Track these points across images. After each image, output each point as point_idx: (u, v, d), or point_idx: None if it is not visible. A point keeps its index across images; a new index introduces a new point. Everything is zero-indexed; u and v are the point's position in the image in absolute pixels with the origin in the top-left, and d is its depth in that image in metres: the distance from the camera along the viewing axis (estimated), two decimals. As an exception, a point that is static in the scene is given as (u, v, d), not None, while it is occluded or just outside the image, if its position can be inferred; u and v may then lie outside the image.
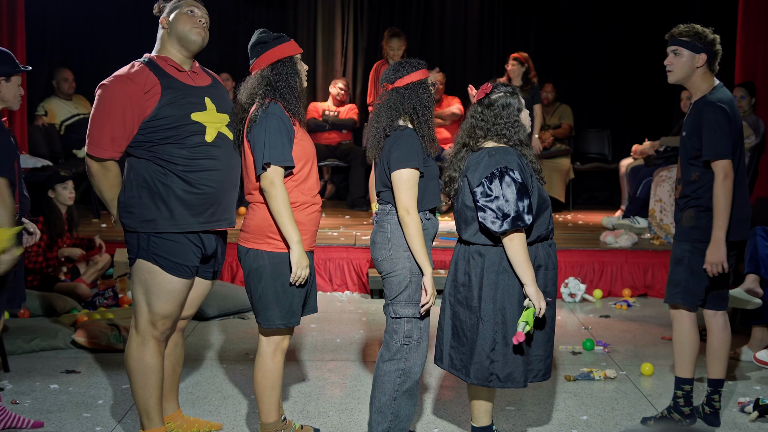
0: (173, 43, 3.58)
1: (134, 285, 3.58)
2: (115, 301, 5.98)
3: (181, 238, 3.52)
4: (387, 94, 3.57)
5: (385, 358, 3.61)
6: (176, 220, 3.50)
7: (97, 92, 3.50)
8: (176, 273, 3.52)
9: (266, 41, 3.57)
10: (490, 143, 3.50)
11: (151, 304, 3.53)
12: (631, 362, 5.13)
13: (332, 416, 4.21)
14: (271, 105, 3.48)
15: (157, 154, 3.48)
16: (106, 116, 3.45)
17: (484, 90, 3.52)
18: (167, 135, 3.46)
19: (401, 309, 3.57)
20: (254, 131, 3.46)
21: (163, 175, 3.48)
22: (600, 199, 10.00)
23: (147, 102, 3.44)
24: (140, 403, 3.60)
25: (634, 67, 9.74)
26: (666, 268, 6.84)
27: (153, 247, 3.50)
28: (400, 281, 3.54)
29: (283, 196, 3.43)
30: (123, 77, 3.48)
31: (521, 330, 3.34)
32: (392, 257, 3.53)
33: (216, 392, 4.51)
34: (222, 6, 9.53)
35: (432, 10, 9.91)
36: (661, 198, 7.22)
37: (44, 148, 7.64)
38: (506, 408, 4.30)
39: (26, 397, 4.38)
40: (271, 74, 3.54)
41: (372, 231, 3.65)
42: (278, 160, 3.42)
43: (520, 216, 3.33)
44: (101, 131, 3.46)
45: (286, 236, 3.45)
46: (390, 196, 3.53)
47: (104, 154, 3.48)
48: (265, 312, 3.57)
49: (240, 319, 5.97)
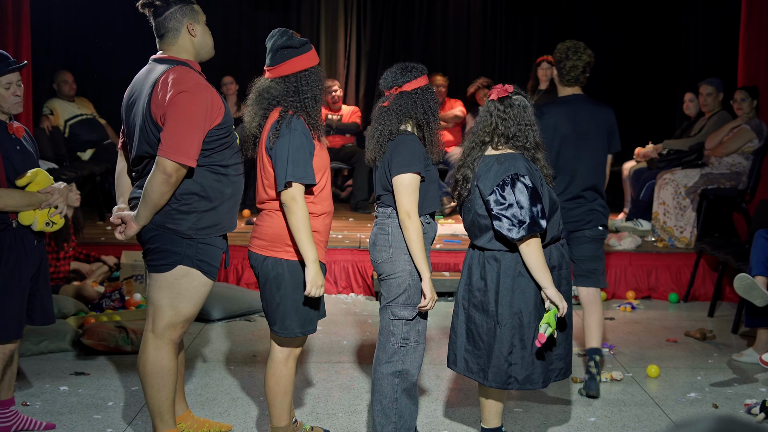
0: (195, 51, 3.53)
1: (160, 289, 3.52)
2: (122, 304, 5.99)
3: (218, 241, 3.56)
4: (393, 98, 3.57)
5: (382, 360, 3.62)
6: (223, 225, 3.55)
7: (180, 98, 3.34)
8: (212, 276, 3.57)
9: (295, 46, 3.54)
10: (501, 149, 3.53)
11: (177, 308, 3.53)
12: (636, 364, 5.15)
13: (341, 417, 4.23)
14: (294, 120, 3.47)
15: (214, 160, 3.46)
16: (194, 123, 3.34)
17: (505, 89, 3.54)
18: (224, 141, 3.48)
19: (399, 311, 3.58)
20: (277, 146, 3.43)
21: (218, 182, 3.48)
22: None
23: (219, 111, 3.42)
24: (154, 406, 3.60)
25: (637, 71, 9.76)
26: (669, 270, 6.90)
27: (198, 254, 3.50)
28: (400, 283, 3.56)
29: (303, 214, 3.43)
30: (204, 85, 3.41)
31: (543, 332, 3.36)
32: (393, 260, 3.55)
33: (225, 394, 4.53)
34: (224, 9, 9.56)
35: (434, 12, 9.93)
36: (664, 201, 7.24)
37: (49, 152, 7.65)
38: (514, 410, 4.32)
39: (36, 399, 4.40)
40: (300, 83, 3.53)
41: (371, 233, 3.67)
42: (301, 178, 3.42)
43: (536, 221, 3.36)
44: (191, 138, 3.34)
45: (303, 253, 3.45)
46: (390, 200, 3.56)
47: (192, 161, 3.36)
48: (283, 321, 3.58)
49: (246, 321, 5.99)
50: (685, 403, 4.52)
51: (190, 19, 3.51)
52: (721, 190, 7.07)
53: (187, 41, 3.52)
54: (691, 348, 5.54)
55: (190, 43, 3.52)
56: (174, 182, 3.36)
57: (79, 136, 8.23)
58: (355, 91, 9.67)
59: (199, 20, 3.54)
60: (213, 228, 3.51)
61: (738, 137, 7.07)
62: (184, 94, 3.33)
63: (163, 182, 3.35)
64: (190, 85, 3.36)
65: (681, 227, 7.16)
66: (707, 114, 7.64)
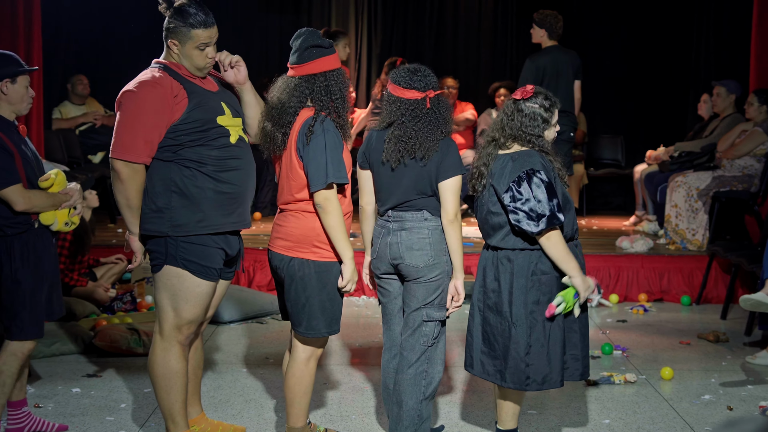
0: (183, 62, 3.54)
1: (159, 290, 3.55)
2: (133, 306, 6.00)
3: (209, 240, 3.52)
4: (430, 101, 3.55)
5: (411, 361, 3.63)
6: (209, 222, 3.50)
7: (124, 98, 3.45)
8: (205, 276, 3.53)
9: (324, 46, 3.53)
10: (515, 146, 3.54)
11: (177, 309, 3.53)
12: (650, 366, 5.12)
13: (355, 420, 4.22)
14: (327, 120, 3.47)
15: (184, 156, 3.46)
16: (138, 120, 3.41)
17: (524, 92, 3.54)
18: (196, 137, 3.46)
19: (435, 312, 3.61)
20: (312, 146, 3.42)
21: (193, 177, 3.47)
22: (614, 204, 10.00)
23: (176, 106, 3.44)
24: (165, 408, 3.61)
25: (648, 72, 9.75)
26: (681, 273, 6.86)
27: (182, 252, 3.48)
28: (438, 285, 3.59)
29: (339, 212, 3.46)
30: (150, 82, 3.45)
31: (555, 304, 3.40)
32: (435, 263, 3.56)
33: (238, 396, 4.52)
34: (235, 12, 9.58)
35: (445, 15, 9.93)
36: (676, 203, 7.21)
37: (61, 154, 7.67)
38: (528, 412, 4.31)
39: (49, 401, 4.40)
40: (330, 83, 3.53)
41: (399, 237, 3.60)
42: (339, 178, 3.44)
43: (554, 214, 3.38)
44: (134, 135, 3.41)
45: (340, 252, 3.49)
46: (426, 203, 3.56)
47: (139, 158, 3.42)
48: (309, 321, 3.57)
49: (258, 324, 5.98)
50: (699, 405, 4.49)
51: (174, 37, 3.51)
52: (733, 193, 7.03)
53: (172, 53, 3.55)
54: (704, 350, 5.51)
55: (175, 55, 3.54)
56: (125, 179, 3.44)
57: (88, 140, 8.26)
58: (365, 94, 9.67)
59: (186, 43, 3.49)
60: (195, 225, 3.47)
61: (750, 140, 7.04)
62: (127, 93, 3.45)
63: (116, 180, 3.46)
64: (135, 85, 3.45)
65: (693, 230, 7.14)
66: (721, 115, 7.62)
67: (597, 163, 9.72)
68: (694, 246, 7.10)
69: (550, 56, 6.77)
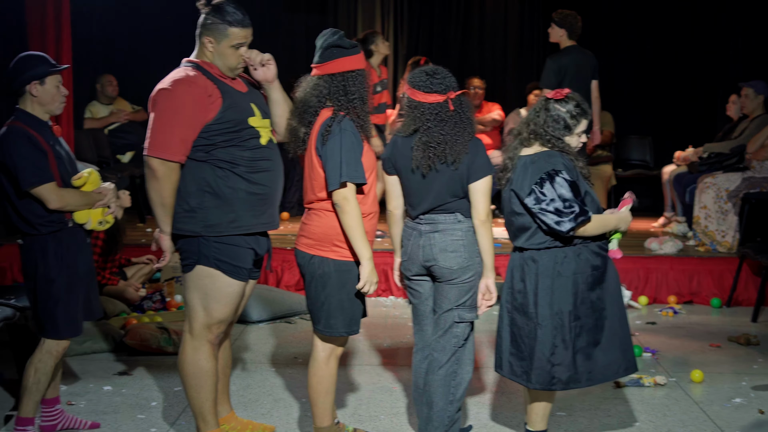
0: (216, 61, 3.56)
1: (189, 290, 3.57)
2: (163, 305, 6.04)
3: (240, 241, 3.54)
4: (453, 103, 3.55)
5: (441, 362, 3.63)
6: (241, 223, 3.52)
7: (159, 96, 3.46)
8: (236, 276, 3.55)
9: (344, 46, 3.55)
10: (535, 146, 3.55)
11: (208, 309, 3.55)
12: (680, 369, 5.09)
13: (383, 420, 4.23)
14: (345, 120, 3.50)
15: (217, 156, 3.48)
16: (174, 118, 3.42)
17: (558, 93, 3.55)
18: (229, 138, 3.48)
19: (467, 313, 3.63)
20: (329, 145, 3.45)
21: (226, 178, 3.49)
22: (642, 205, 9.88)
23: (211, 105, 3.46)
24: (196, 407, 3.64)
25: (676, 72, 9.67)
26: (711, 274, 6.80)
27: (215, 252, 3.50)
28: (471, 287, 3.61)
29: (357, 212, 3.47)
30: (185, 80, 3.46)
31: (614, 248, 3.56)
32: (468, 265, 3.58)
33: (267, 395, 4.54)
34: (262, 12, 9.58)
35: (471, 15, 9.90)
36: (705, 205, 7.16)
37: (91, 153, 7.73)
38: (557, 413, 4.29)
39: (81, 398, 4.45)
40: (347, 84, 3.54)
41: (431, 240, 3.60)
42: (354, 178, 3.45)
43: (583, 210, 3.40)
44: (170, 133, 3.42)
45: (358, 252, 3.50)
46: (458, 205, 3.56)
47: (175, 156, 3.44)
48: (327, 320, 3.60)
49: (287, 324, 6.00)
50: (730, 408, 4.45)
51: (210, 35, 3.52)
52: (763, 194, 6.96)
53: (206, 51, 3.56)
54: (734, 353, 5.46)
55: (209, 53, 3.56)
56: (161, 177, 3.43)
57: (117, 139, 8.32)
58: (392, 95, 9.65)
59: (222, 41, 3.51)
60: (227, 225, 3.50)
61: (780, 141, 6.98)
62: (162, 91, 3.45)
63: (151, 179, 3.44)
64: (169, 83, 3.45)
65: (723, 231, 7.08)
66: (750, 116, 7.55)
67: (625, 164, 9.65)
68: (724, 248, 7.04)
69: (571, 56, 6.77)
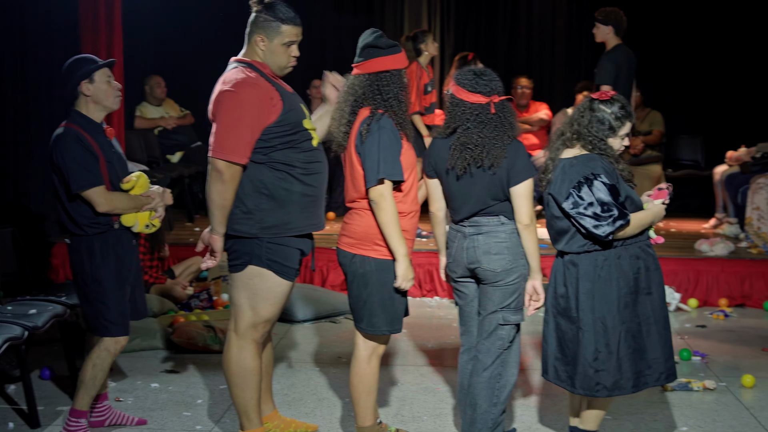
0: (267, 59, 3.57)
1: (237, 289, 3.60)
2: (209, 304, 6.11)
3: (290, 241, 3.57)
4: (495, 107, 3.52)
5: (486, 364, 3.62)
6: (294, 224, 3.55)
7: (223, 98, 3.44)
8: (286, 276, 3.58)
9: (381, 46, 3.57)
10: (577, 147, 3.51)
11: (256, 308, 3.58)
12: (731, 374, 4.99)
13: (426, 421, 4.21)
14: (383, 118, 3.51)
15: (275, 158, 3.49)
16: (241, 121, 3.41)
17: (603, 94, 3.51)
18: (287, 140, 3.50)
19: (512, 315, 3.62)
20: (367, 143, 3.47)
21: (282, 180, 3.50)
22: (693, 206, 9.73)
23: (273, 108, 3.46)
24: (240, 405, 3.67)
25: (728, 71, 9.49)
26: (764, 277, 6.66)
27: (268, 253, 3.52)
28: (515, 289, 3.59)
29: (392, 210, 3.48)
30: (249, 82, 3.45)
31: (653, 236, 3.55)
32: (512, 267, 3.56)
33: (311, 394, 4.56)
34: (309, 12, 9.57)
35: (518, 14, 9.83)
36: (758, 206, 7.02)
37: (141, 154, 7.84)
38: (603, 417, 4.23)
39: (128, 395, 4.51)
40: (381, 83, 3.55)
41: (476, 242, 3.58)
42: (391, 175, 3.46)
43: (622, 214, 3.36)
44: (238, 136, 3.41)
45: (393, 249, 3.51)
46: (501, 208, 3.55)
47: (242, 159, 3.43)
48: (370, 318, 3.61)
49: (331, 323, 6.02)
50: (782, 414, 4.36)
51: (262, 32, 3.53)
52: (818, 195, 6.81)
53: (257, 49, 3.56)
54: (788, 358, 5.35)
55: (261, 52, 3.56)
56: (228, 180, 3.42)
57: (165, 140, 8.42)
58: (438, 95, 9.63)
59: (274, 39, 3.52)
60: (282, 227, 3.52)
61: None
62: (227, 92, 3.43)
63: (217, 181, 3.42)
64: (234, 85, 3.44)
65: (776, 233, 6.94)
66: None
67: (676, 164, 9.51)
68: (778, 250, 6.90)
69: (624, 54, 6.67)
